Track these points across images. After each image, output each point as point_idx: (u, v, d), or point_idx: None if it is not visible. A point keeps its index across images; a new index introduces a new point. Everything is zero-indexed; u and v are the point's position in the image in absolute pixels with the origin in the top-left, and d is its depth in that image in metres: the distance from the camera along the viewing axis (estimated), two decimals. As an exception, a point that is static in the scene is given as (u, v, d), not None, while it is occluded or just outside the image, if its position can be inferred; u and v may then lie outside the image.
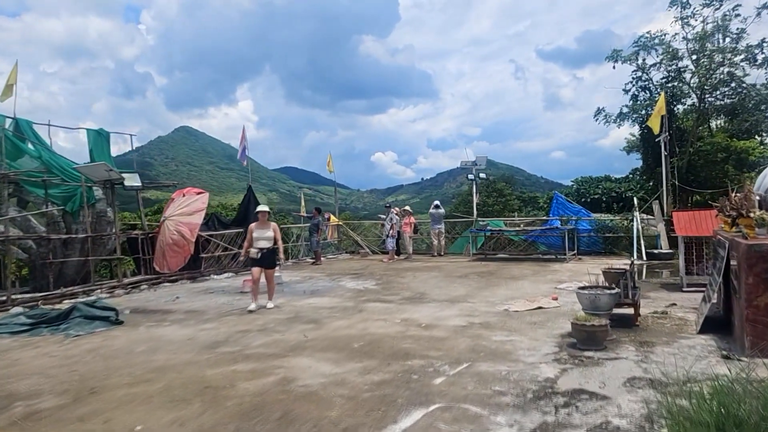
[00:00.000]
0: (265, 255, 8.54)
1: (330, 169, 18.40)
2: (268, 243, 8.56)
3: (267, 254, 8.56)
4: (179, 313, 8.56)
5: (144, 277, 12.19)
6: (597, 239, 15.41)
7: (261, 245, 8.52)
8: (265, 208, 8.98)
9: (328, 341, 6.26)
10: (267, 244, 8.55)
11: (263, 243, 8.54)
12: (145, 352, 6.04)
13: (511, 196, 43.50)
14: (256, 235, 8.57)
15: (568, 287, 9.64)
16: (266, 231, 8.62)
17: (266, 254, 8.55)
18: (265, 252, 8.54)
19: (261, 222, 8.68)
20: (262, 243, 8.53)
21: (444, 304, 8.41)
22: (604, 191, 19.90)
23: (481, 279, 11.28)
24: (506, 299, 8.66)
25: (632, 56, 21.95)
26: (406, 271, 13.21)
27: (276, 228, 8.78)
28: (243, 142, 15.04)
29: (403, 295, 9.50)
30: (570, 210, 16.28)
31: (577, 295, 6.38)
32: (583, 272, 11.70)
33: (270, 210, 8.93)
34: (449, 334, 6.43)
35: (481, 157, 16.78)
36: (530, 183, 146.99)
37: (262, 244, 8.53)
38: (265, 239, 8.57)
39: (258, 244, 8.52)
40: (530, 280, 10.81)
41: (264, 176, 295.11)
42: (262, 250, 8.50)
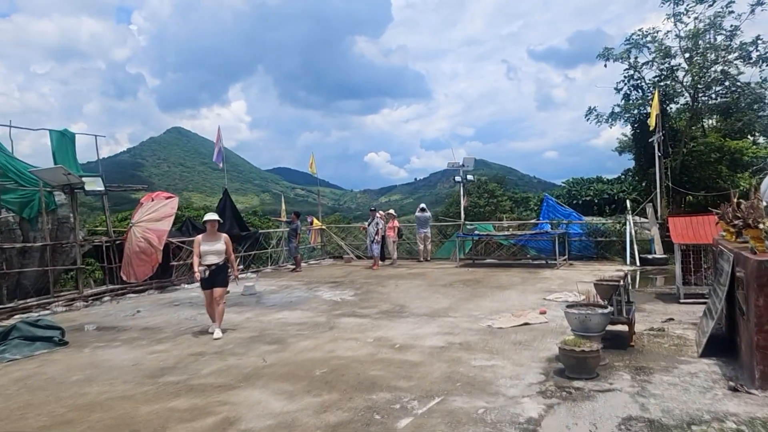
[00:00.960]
0: (214, 272, 7.29)
1: (313, 170, 17.68)
2: (218, 258, 7.30)
3: (216, 271, 7.31)
4: (134, 330, 7.85)
5: (108, 287, 11.44)
6: (589, 243, 14.81)
7: (210, 260, 7.26)
8: (214, 216, 7.56)
9: (289, 367, 5.59)
10: (216, 259, 7.29)
11: (212, 258, 7.27)
12: (78, 383, 5.33)
13: (503, 197, 42.93)
14: (204, 248, 7.28)
15: (557, 298, 9.02)
16: (216, 243, 7.34)
17: (215, 271, 7.30)
18: (214, 269, 7.28)
19: (210, 233, 7.40)
20: (211, 258, 7.27)
21: (423, 320, 7.75)
22: (596, 193, 19.34)
23: (467, 288, 10.63)
24: (491, 313, 8.02)
25: (624, 54, 21.40)
26: (389, 279, 12.54)
27: (227, 240, 7.50)
28: (218, 143, 14.32)
29: (380, 308, 8.83)
30: (561, 213, 15.68)
31: (565, 314, 5.74)
32: (575, 280, 11.10)
33: (221, 221, 7.66)
34: (424, 357, 5.77)
35: (468, 158, 16.14)
36: (523, 183, 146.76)
37: (211, 259, 7.27)
38: (214, 253, 7.29)
39: (206, 260, 7.25)
40: (518, 290, 10.18)
41: (257, 177, 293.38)
42: (210, 267, 7.25)
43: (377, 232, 14.97)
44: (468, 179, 16.36)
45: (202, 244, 7.33)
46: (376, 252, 14.97)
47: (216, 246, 7.34)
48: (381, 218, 15.47)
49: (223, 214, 14.22)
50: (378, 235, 14.98)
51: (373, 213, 15.41)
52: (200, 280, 7.35)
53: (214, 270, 7.29)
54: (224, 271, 7.43)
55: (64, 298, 10.30)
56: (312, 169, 17.79)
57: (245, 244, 14.81)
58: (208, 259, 7.26)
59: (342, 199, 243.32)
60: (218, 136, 14.37)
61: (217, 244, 7.37)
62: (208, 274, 7.25)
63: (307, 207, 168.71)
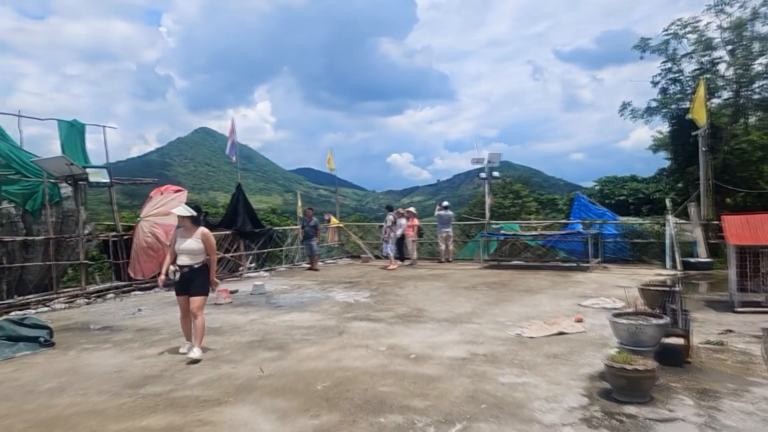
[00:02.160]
0: (186, 276, 5.69)
1: (331, 166, 17.03)
2: (191, 259, 5.69)
3: (190, 275, 5.68)
4: (129, 331, 7.24)
5: (113, 284, 10.92)
6: (624, 245, 13.79)
7: (182, 261, 5.71)
8: (183, 210, 5.83)
9: (288, 379, 4.87)
10: (190, 260, 5.69)
11: (184, 258, 5.70)
12: (49, 392, 4.70)
13: (528, 197, 41.72)
14: (178, 246, 5.74)
15: (594, 305, 8.12)
16: (190, 241, 5.70)
17: (188, 275, 5.69)
18: (187, 272, 5.69)
19: (184, 228, 5.80)
20: (183, 258, 5.71)
21: (443, 326, 6.96)
22: (630, 192, 18.23)
23: (492, 291, 9.79)
24: (519, 319, 7.18)
25: (662, 46, 20.19)
26: (407, 280, 11.76)
27: (207, 236, 5.75)
28: (231, 137, 13.74)
29: (396, 311, 8.07)
30: (593, 212, 14.68)
31: (612, 325, 4.89)
32: (611, 284, 10.17)
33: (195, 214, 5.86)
34: (443, 371, 4.99)
35: (494, 154, 15.24)
36: (548, 185, 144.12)
37: (183, 260, 5.71)
38: (187, 252, 5.69)
39: (180, 260, 5.74)
40: (549, 294, 9.30)
41: (281, 177, 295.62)
42: (182, 269, 5.69)
43: (386, 231, 14.36)
44: (494, 176, 15.47)
45: (177, 241, 5.78)
46: (388, 251, 14.21)
47: (190, 244, 5.68)
48: (400, 215, 14.69)
49: (236, 210, 13.67)
50: (387, 234, 14.33)
51: (390, 211, 14.64)
52: (174, 283, 5.82)
53: (187, 274, 5.69)
54: (201, 276, 5.77)
55: (65, 295, 9.80)
56: (330, 165, 17.13)
57: (259, 241, 14.20)
58: (181, 260, 5.73)
59: (364, 200, 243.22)
60: (231, 129, 13.79)
61: (191, 241, 5.69)
62: (180, 277, 5.71)
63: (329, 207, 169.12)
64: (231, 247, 13.37)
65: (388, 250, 14.32)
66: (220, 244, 13.12)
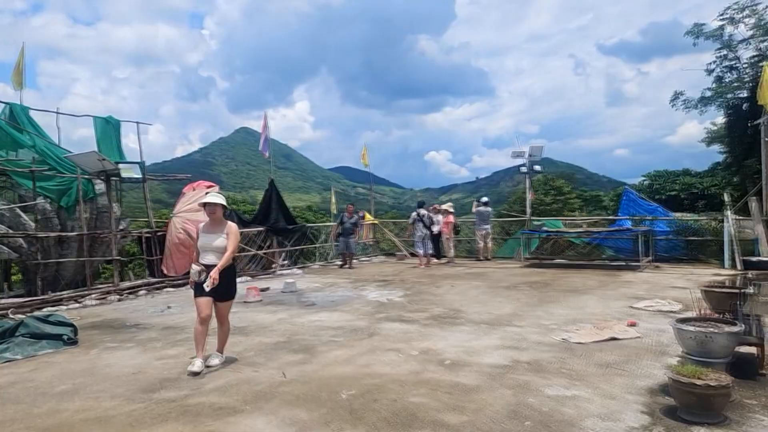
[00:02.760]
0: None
1: (365, 162, 16.66)
2: (218, 257, 5.04)
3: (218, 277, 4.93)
4: (155, 329, 7.03)
5: (146, 281, 10.85)
6: (677, 243, 12.87)
7: (208, 260, 5.05)
8: (216, 198, 5.24)
9: (311, 386, 4.49)
10: (218, 259, 5.02)
11: (211, 257, 5.05)
12: (61, 395, 4.47)
13: (571, 194, 40.37)
14: (203, 242, 5.10)
15: (648, 307, 7.44)
16: (217, 236, 5.09)
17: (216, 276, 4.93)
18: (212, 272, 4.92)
19: (211, 222, 5.17)
20: (210, 257, 5.05)
21: (482, 329, 6.45)
22: (682, 187, 17.13)
23: (534, 292, 9.19)
24: (566, 322, 6.60)
25: (717, 32, 18.91)
26: (444, 279, 11.26)
27: (233, 232, 5.13)
28: (264, 132, 13.53)
29: (431, 312, 7.60)
30: (644, 208, 13.78)
31: (676, 332, 4.29)
32: (665, 285, 9.42)
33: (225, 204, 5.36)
34: (481, 380, 4.50)
35: (536, 146, 14.52)
36: (592, 182, 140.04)
37: (210, 259, 5.05)
38: (213, 250, 5.05)
39: (204, 259, 5.07)
40: (596, 295, 8.64)
41: (319, 176, 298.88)
42: (208, 269, 4.98)
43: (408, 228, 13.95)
44: (535, 171, 14.75)
45: (201, 237, 5.13)
46: (418, 249, 13.63)
47: (217, 240, 5.06)
48: (434, 212, 14.21)
49: (269, 207, 13.48)
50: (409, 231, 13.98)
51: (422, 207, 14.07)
52: (195, 285, 5.12)
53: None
54: (230, 277, 5.19)
55: (98, 291, 9.76)
56: (364, 160, 16.76)
57: (292, 238, 13.97)
58: (207, 259, 5.06)
59: (402, 198, 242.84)
60: (264, 124, 13.58)
61: (219, 237, 5.08)
62: (204, 279, 4.97)
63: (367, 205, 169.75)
64: (264, 244, 13.18)
65: (416, 247, 13.76)
66: (253, 241, 12.95)
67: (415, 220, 13.66)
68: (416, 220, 13.64)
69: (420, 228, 13.50)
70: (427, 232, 13.49)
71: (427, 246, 13.58)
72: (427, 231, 13.51)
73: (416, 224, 13.60)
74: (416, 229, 13.60)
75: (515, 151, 14.68)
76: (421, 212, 13.74)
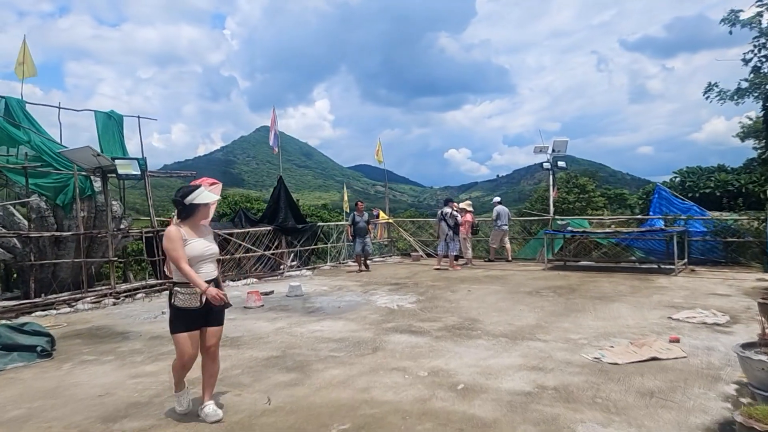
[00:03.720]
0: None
1: (379, 158, 15.96)
2: (215, 267, 3.92)
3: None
4: (141, 339, 6.44)
5: (144, 283, 10.30)
6: (715, 245, 11.90)
7: (207, 273, 3.79)
8: (212, 197, 4.03)
9: (297, 416, 3.81)
10: (215, 269, 3.92)
11: (208, 267, 3.83)
12: (9, 422, 3.87)
13: (595, 192, 39.06)
14: (198, 250, 3.77)
15: (689, 318, 6.60)
16: (211, 241, 3.98)
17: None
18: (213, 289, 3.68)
19: (201, 225, 3.95)
20: (207, 267, 3.82)
21: (501, 343, 5.70)
22: (717, 184, 16.05)
23: (559, 298, 8.39)
24: (597, 336, 5.82)
25: (755, 19, 17.69)
26: (461, 282, 10.50)
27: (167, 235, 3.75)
28: (274, 127, 12.92)
29: (445, 321, 6.87)
30: (677, 207, 12.81)
31: (743, 362, 3.51)
32: (705, 291, 8.55)
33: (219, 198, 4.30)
34: (500, 411, 3.77)
35: (560, 142, 13.65)
36: (615, 180, 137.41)
37: (209, 271, 3.82)
38: (210, 259, 3.87)
39: (202, 268, 3.76)
40: (629, 303, 7.80)
41: (339, 174, 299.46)
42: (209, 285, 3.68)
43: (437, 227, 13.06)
44: (559, 167, 13.88)
45: (190, 242, 3.75)
46: (439, 250, 12.85)
47: (213, 246, 3.95)
48: (456, 210, 13.47)
49: (278, 204, 12.87)
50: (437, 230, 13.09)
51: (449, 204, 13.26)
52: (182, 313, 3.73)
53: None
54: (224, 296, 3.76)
55: (94, 295, 9.25)
56: (378, 157, 16.05)
57: (302, 238, 13.34)
58: (204, 270, 3.77)
59: (421, 196, 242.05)
60: (273, 118, 12.98)
61: (213, 242, 3.99)
62: (204, 303, 3.68)
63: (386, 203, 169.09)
64: (272, 244, 12.58)
65: (439, 248, 12.99)
66: (260, 241, 12.37)
67: (439, 219, 12.83)
68: (440, 219, 12.82)
69: (443, 227, 12.71)
70: (450, 232, 12.65)
71: (451, 246, 12.70)
72: (450, 231, 12.67)
73: (440, 223, 12.78)
74: (440, 228, 12.80)
75: (538, 147, 13.83)
76: (445, 211, 12.85)
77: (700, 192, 16.14)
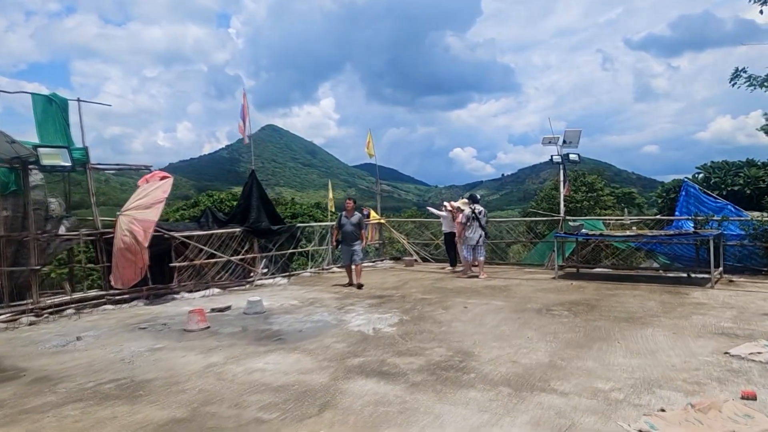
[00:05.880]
0: None
1: (370, 152, 14.31)
2: None
3: None
4: (19, 381, 4.83)
5: (73, 297, 8.59)
6: (754, 250, 10.20)
7: None
8: None
9: None
10: None
11: None
12: None
13: (603, 191, 37.29)
14: None
15: (755, 355, 4.93)
16: None
17: None
18: None
19: None
20: None
21: (501, 396, 4.06)
22: (747, 181, 14.35)
23: (575, 319, 6.74)
24: (635, 386, 4.18)
25: (787, -2, 15.93)
26: (456, 294, 8.86)
27: None
28: (244, 114, 11.25)
29: (428, 356, 5.23)
30: (709, 206, 11.09)
31: None
32: (756, 310, 6.92)
33: None
34: None
35: (572, 132, 11.97)
36: (620, 179, 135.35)
37: None
38: None
39: None
40: (665, 328, 6.14)
41: (344, 172, 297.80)
42: None
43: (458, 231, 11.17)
44: (571, 160, 12.19)
45: None
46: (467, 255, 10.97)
47: None
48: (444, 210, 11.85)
49: (249, 202, 11.26)
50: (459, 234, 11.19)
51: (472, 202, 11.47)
52: None
53: None
54: None
55: (9, 312, 7.66)
56: (368, 150, 14.40)
57: (278, 241, 11.71)
58: None
59: (426, 195, 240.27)
60: (244, 105, 11.31)
61: None
62: None
63: (392, 203, 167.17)
64: (241, 248, 10.96)
65: (464, 253, 11.06)
66: (226, 245, 10.74)
67: (470, 219, 10.83)
68: (471, 218, 10.85)
69: (476, 228, 10.83)
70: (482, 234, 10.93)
71: (479, 251, 11.03)
72: (483, 233, 10.94)
73: (472, 223, 10.83)
74: (471, 230, 10.84)
75: (547, 138, 12.13)
76: (477, 209, 10.95)
77: (728, 189, 14.42)
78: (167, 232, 9.58)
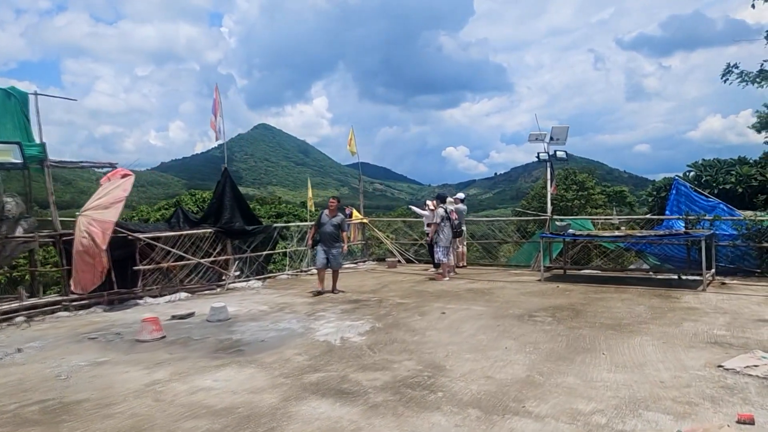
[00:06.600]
0: None
1: (352, 149, 13.80)
2: None
3: None
4: (-66, 404, 4.32)
5: (23, 303, 8.02)
6: (747, 251, 9.81)
7: None
8: None
9: None
10: None
11: None
12: None
13: (594, 189, 37.01)
14: None
15: (750, 369, 4.49)
16: None
17: None
18: None
19: None
20: None
21: (468, 420, 3.60)
22: (739, 179, 14.01)
23: (558, 327, 6.29)
24: (619, 408, 3.72)
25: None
26: (436, 299, 8.39)
27: None
28: (216, 109, 10.72)
29: (396, 370, 4.75)
30: (700, 205, 10.70)
31: None
32: (751, 316, 6.51)
33: None
34: None
35: (559, 128, 11.53)
36: (612, 178, 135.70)
37: None
38: None
39: None
40: (654, 337, 5.70)
41: (337, 171, 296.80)
42: None
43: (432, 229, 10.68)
44: (558, 157, 11.75)
45: None
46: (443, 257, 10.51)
47: None
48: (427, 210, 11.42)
49: (222, 201, 10.75)
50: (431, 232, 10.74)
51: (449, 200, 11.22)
52: None
53: None
54: None
55: (-47, 320, 7.11)
56: (351, 147, 13.89)
57: (253, 242, 11.19)
58: None
59: (419, 194, 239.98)
60: (216, 99, 10.78)
61: None
62: None
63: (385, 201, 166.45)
64: (213, 250, 10.43)
65: (441, 255, 10.57)
66: (199, 246, 10.22)
67: (444, 219, 10.40)
68: (444, 218, 10.43)
69: (447, 229, 10.42)
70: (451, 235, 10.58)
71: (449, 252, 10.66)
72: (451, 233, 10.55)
73: (444, 224, 10.39)
74: (443, 230, 10.43)
75: (534, 134, 11.69)
76: (449, 208, 10.59)
77: (719, 188, 14.04)
78: (131, 233, 9.04)
